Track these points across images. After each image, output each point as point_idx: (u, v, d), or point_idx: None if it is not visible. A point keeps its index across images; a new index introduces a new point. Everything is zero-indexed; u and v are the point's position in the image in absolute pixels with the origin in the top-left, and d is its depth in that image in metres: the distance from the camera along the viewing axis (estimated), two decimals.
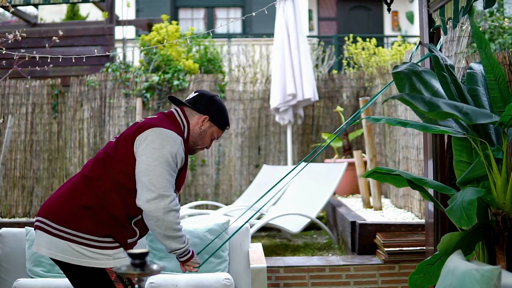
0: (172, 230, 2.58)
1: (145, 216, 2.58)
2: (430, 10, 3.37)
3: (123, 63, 7.61)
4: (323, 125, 7.91)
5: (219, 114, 2.80)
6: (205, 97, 2.81)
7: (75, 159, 7.24)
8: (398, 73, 2.87)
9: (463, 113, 2.52)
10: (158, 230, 2.57)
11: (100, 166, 2.63)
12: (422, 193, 2.87)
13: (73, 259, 2.54)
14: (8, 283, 3.75)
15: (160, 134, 2.58)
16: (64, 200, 2.60)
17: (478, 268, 2.11)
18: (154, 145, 2.56)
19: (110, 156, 2.63)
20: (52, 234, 2.56)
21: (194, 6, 14.18)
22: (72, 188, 2.63)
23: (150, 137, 2.58)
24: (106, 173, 2.60)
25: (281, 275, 4.34)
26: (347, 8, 14.89)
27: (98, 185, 2.59)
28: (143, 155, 2.55)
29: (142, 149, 2.56)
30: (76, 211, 2.56)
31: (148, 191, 2.52)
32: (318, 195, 5.75)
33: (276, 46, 7.08)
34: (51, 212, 2.59)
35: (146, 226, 2.69)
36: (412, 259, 4.27)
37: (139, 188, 2.54)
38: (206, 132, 2.79)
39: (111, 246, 2.58)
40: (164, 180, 2.54)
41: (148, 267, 1.78)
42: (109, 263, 2.56)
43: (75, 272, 2.59)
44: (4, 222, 6.52)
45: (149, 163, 2.53)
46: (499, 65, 2.78)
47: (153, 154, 2.54)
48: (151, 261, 3.72)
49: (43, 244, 2.58)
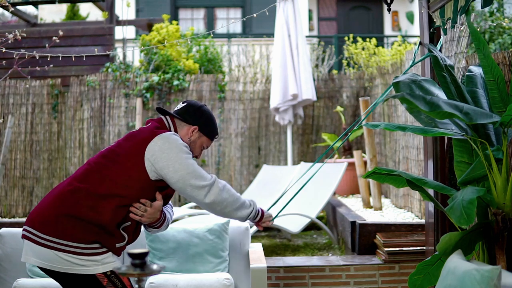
0: (235, 201, 2.69)
1: (211, 209, 2.67)
2: (430, 11, 3.37)
3: (123, 63, 7.61)
4: (323, 125, 7.91)
5: (208, 124, 2.81)
6: (194, 108, 2.81)
7: (75, 159, 7.24)
8: (398, 83, 2.89)
9: (463, 113, 2.52)
10: (227, 210, 2.67)
11: (93, 176, 2.60)
12: (422, 193, 2.87)
13: (61, 267, 2.52)
14: (8, 283, 3.75)
15: (167, 138, 2.63)
16: (50, 209, 2.57)
17: (478, 268, 2.11)
18: (171, 150, 2.59)
19: (108, 169, 2.60)
20: (39, 243, 2.53)
21: (194, 6, 14.18)
22: (59, 197, 2.59)
23: (161, 145, 2.60)
24: (99, 185, 2.57)
25: (281, 275, 4.34)
26: (347, 8, 14.89)
27: (87, 196, 2.56)
28: (169, 166, 2.59)
29: (165, 159, 2.58)
30: (62, 220, 2.53)
31: (201, 189, 2.61)
32: (318, 195, 5.75)
33: (276, 46, 7.08)
34: (37, 221, 2.57)
35: (136, 232, 2.70)
36: (412, 259, 4.27)
37: (189, 193, 2.62)
38: (196, 142, 2.81)
39: (99, 252, 2.56)
40: (200, 171, 2.64)
41: (148, 267, 1.78)
42: (98, 269, 2.54)
43: (65, 280, 2.57)
44: (4, 222, 6.51)
45: (183, 167, 2.59)
46: (497, 66, 2.78)
47: (179, 158, 2.59)
48: (151, 261, 3.72)
49: (30, 254, 2.56)
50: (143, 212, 2.63)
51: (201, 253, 3.75)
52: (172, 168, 2.58)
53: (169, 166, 2.58)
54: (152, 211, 2.65)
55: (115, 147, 2.68)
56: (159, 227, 2.80)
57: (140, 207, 2.62)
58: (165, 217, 2.80)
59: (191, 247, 3.75)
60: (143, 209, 2.62)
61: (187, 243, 3.76)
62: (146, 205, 2.63)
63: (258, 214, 2.81)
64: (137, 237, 2.73)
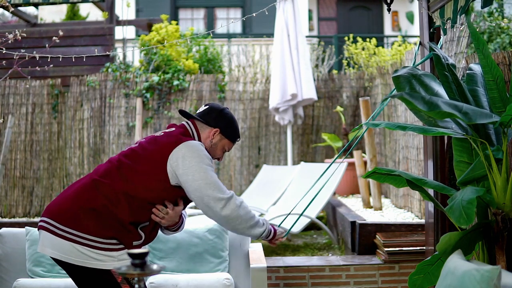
0: (250, 219, 2.69)
1: (225, 223, 2.65)
2: (430, 12, 3.37)
3: (123, 63, 7.61)
4: (323, 125, 7.91)
5: (230, 127, 2.84)
6: (216, 111, 2.84)
7: (75, 159, 7.24)
8: (398, 77, 2.88)
9: (462, 113, 2.52)
10: (241, 227, 2.67)
11: (115, 173, 2.63)
12: (422, 193, 2.87)
13: (78, 260, 2.54)
14: (8, 283, 3.75)
15: (192, 146, 2.64)
16: (71, 202, 2.60)
17: (478, 268, 2.11)
18: (194, 158, 2.61)
19: (129, 169, 2.63)
20: (57, 234, 2.56)
21: (194, 6, 14.18)
22: (81, 190, 2.63)
23: (185, 153, 2.62)
24: (121, 182, 2.61)
25: (281, 275, 4.34)
26: (347, 8, 14.89)
27: (109, 191, 2.59)
28: (189, 173, 2.60)
29: (187, 167, 2.60)
30: (82, 213, 2.56)
31: (218, 201, 2.61)
32: (318, 195, 5.74)
33: (276, 46, 7.09)
34: (57, 213, 2.60)
35: (154, 232, 2.73)
36: (412, 259, 4.27)
37: (206, 203, 2.61)
38: (217, 145, 2.83)
39: (116, 248, 2.58)
40: (220, 183, 2.64)
41: (148, 267, 1.78)
42: (114, 265, 2.56)
43: (79, 273, 2.59)
44: (4, 222, 6.52)
45: (202, 177, 2.59)
46: (497, 66, 2.78)
47: (200, 168, 2.60)
48: (151, 261, 3.72)
49: (47, 245, 2.58)
50: (164, 215, 2.67)
51: (201, 253, 3.75)
52: (192, 176, 2.60)
53: (189, 174, 2.60)
54: (173, 215, 2.69)
55: (138, 148, 2.71)
56: (176, 230, 2.86)
57: (163, 210, 2.66)
58: (183, 221, 2.86)
59: (191, 247, 3.76)
60: (165, 211, 2.67)
61: (187, 243, 3.76)
62: (169, 208, 2.67)
63: (271, 233, 2.82)
64: (154, 238, 2.76)
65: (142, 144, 2.72)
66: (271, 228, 2.82)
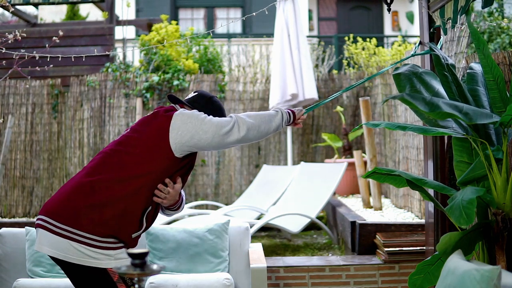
0: (263, 116, 2.74)
1: (252, 136, 2.70)
2: (430, 11, 3.37)
3: (123, 63, 7.61)
4: (323, 125, 7.90)
5: (217, 114, 2.84)
6: (205, 98, 2.87)
7: (75, 159, 7.24)
8: (399, 75, 2.88)
9: (463, 113, 2.52)
10: (262, 128, 2.72)
11: (113, 163, 2.62)
12: (422, 193, 2.87)
13: (74, 258, 2.53)
14: (8, 283, 3.75)
15: (182, 112, 2.68)
16: (67, 199, 2.59)
17: (478, 268, 2.11)
18: (191, 118, 2.65)
19: (129, 154, 2.63)
20: (54, 232, 2.55)
21: (194, 6, 14.18)
22: (76, 187, 2.61)
23: (182, 119, 2.65)
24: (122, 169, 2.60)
25: (281, 275, 4.34)
26: (347, 8, 14.89)
27: (107, 184, 2.58)
28: (198, 130, 2.63)
29: (191, 128, 2.63)
30: (80, 211, 2.55)
31: (233, 130, 2.66)
32: (318, 195, 5.75)
33: (276, 46, 7.08)
34: (53, 211, 2.58)
35: (155, 216, 2.73)
36: (412, 259, 4.27)
37: (227, 139, 2.66)
38: None
39: (113, 246, 2.58)
40: (220, 118, 2.69)
41: (148, 267, 1.78)
42: (110, 264, 2.56)
43: (76, 271, 2.59)
44: (4, 222, 6.52)
45: (209, 124, 2.64)
46: (497, 66, 2.78)
47: (202, 121, 2.64)
48: (151, 261, 3.72)
49: (44, 243, 2.57)
50: (166, 194, 2.67)
51: (201, 253, 3.75)
52: (202, 131, 2.64)
53: (198, 131, 2.63)
54: (174, 193, 2.69)
55: (132, 133, 2.71)
56: (177, 209, 2.85)
57: (164, 189, 2.66)
58: (182, 199, 2.85)
59: (191, 247, 3.75)
60: (166, 191, 2.66)
61: (187, 243, 3.76)
62: (169, 186, 2.67)
63: (290, 115, 2.84)
64: (153, 221, 2.75)
65: (134, 128, 2.73)
66: (287, 110, 2.84)
